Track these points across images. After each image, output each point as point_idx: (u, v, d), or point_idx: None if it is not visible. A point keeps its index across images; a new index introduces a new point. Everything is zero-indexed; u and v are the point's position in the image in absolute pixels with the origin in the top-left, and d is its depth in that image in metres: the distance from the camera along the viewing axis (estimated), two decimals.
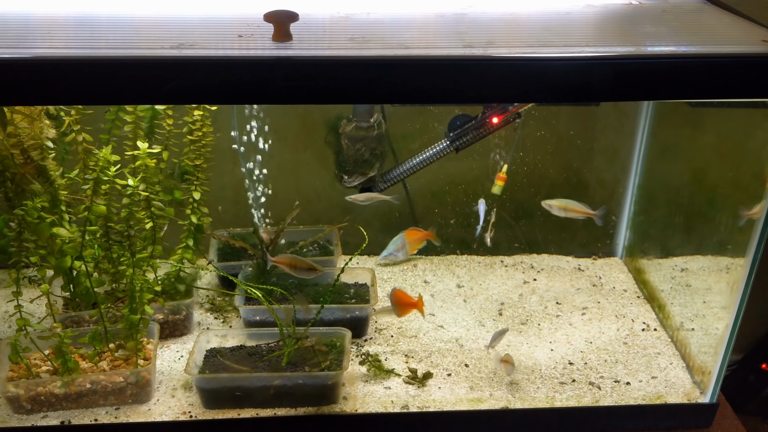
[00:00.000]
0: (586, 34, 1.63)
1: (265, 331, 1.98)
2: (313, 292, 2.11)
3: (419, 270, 2.44)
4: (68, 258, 1.83)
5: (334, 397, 1.83)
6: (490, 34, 1.57)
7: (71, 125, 1.90)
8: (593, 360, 2.02)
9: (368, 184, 2.09)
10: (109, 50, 1.40)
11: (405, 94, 1.40)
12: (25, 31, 1.56)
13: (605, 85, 1.41)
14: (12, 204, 1.81)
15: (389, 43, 1.49)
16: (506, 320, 2.19)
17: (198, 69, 1.35)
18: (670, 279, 2.24)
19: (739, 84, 1.44)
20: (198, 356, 1.87)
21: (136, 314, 1.81)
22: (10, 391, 1.76)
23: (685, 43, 1.52)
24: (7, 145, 1.77)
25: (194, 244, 2.07)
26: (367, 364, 1.95)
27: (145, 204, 1.86)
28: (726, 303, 1.84)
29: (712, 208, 2.06)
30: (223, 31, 1.54)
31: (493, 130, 2.02)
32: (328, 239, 2.40)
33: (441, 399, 1.86)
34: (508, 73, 1.38)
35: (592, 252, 2.55)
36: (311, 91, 1.37)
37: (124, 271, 1.91)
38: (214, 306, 2.21)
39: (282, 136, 2.28)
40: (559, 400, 1.87)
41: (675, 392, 1.91)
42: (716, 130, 2.13)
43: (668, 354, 2.06)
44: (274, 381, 1.79)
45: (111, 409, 1.81)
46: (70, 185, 1.92)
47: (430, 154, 2.07)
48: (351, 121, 2.01)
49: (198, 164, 2.02)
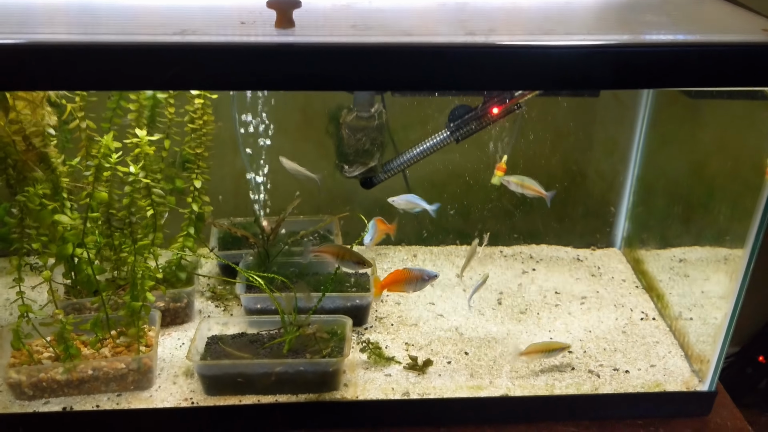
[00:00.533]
0: (587, 23, 1.64)
1: (266, 319, 1.99)
2: (314, 281, 2.12)
3: (419, 260, 2.46)
4: (69, 245, 1.83)
5: (335, 384, 1.84)
6: (491, 23, 1.57)
7: (73, 112, 1.90)
8: (592, 348, 2.03)
9: (369, 174, 2.10)
10: (111, 36, 1.40)
11: (407, 81, 1.41)
12: (26, 18, 1.56)
13: (607, 72, 1.41)
14: (14, 191, 1.82)
15: (391, 30, 1.50)
16: (505, 309, 2.20)
17: (201, 55, 1.35)
18: (668, 269, 2.25)
19: (739, 72, 1.45)
20: (199, 343, 1.88)
21: (137, 301, 1.81)
22: (12, 378, 1.77)
23: (686, 32, 1.53)
24: (9, 131, 1.77)
25: (195, 233, 2.08)
26: (367, 352, 1.97)
27: (146, 192, 1.87)
28: (724, 293, 1.85)
29: (710, 200, 2.07)
30: (225, 18, 1.54)
31: (493, 121, 2.02)
32: (329, 229, 2.40)
33: (441, 386, 1.88)
34: (510, 61, 1.39)
35: (591, 242, 2.56)
36: (314, 77, 1.38)
37: (125, 259, 1.92)
38: (215, 294, 2.22)
39: (282, 127, 2.28)
40: (559, 388, 1.89)
41: (674, 380, 1.93)
42: (715, 122, 2.14)
43: (667, 343, 2.07)
44: (275, 368, 1.80)
45: (113, 395, 1.82)
46: (72, 173, 1.93)
47: (431, 145, 2.08)
48: (351, 111, 2.02)
49: (199, 153, 2.03)
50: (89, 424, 1.78)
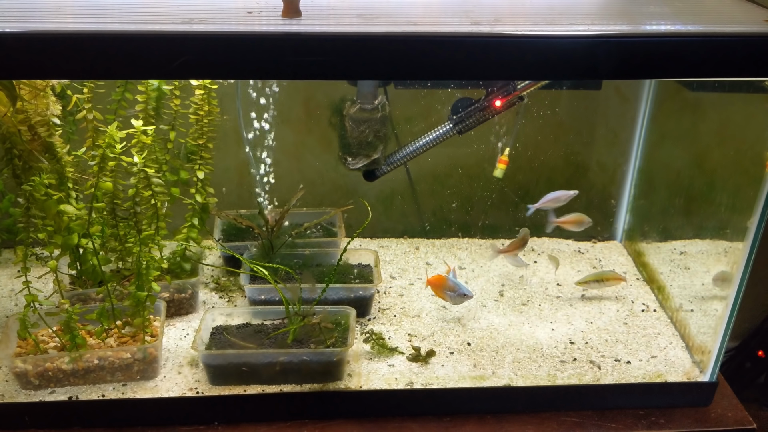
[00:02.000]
0: (591, 13, 1.65)
1: (270, 310, 1.99)
2: (318, 273, 2.13)
3: (421, 252, 2.47)
4: (75, 235, 1.84)
5: (339, 373, 1.85)
6: (495, 13, 1.58)
7: (78, 103, 1.91)
8: (594, 339, 2.05)
9: (372, 166, 2.11)
10: (119, 25, 1.41)
11: (414, 70, 1.42)
12: (33, 7, 1.56)
13: (611, 62, 1.43)
14: (20, 181, 1.82)
15: (397, 20, 1.51)
16: (507, 301, 2.21)
17: (208, 44, 1.37)
18: (669, 262, 2.27)
19: (741, 63, 1.47)
20: (204, 333, 1.89)
21: (143, 291, 1.82)
22: (18, 367, 1.77)
23: (688, 23, 1.54)
24: (15, 121, 1.78)
25: (199, 224, 2.09)
26: (371, 342, 1.98)
27: (146, 182, 1.88)
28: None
29: (711, 192, 2.08)
30: (232, 8, 1.55)
31: (496, 113, 2.03)
32: (332, 222, 2.41)
33: (444, 376, 1.89)
34: (515, 50, 1.40)
35: (592, 235, 2.57)
36: (321, 66, 1.39)
37: (130, 249, 1.92)
38: (219, 285, 2.23)
39: (286, 118, 2.29)
40: (561, 378, 1.90)
41: (675, 371, 1.94)
42: (716, 114, 2.15)
43: (668, 334, 2.09)
44: (279, 357, 1.81)
45: (118, 385, 1.83)
46: (77, 163, 1.93)
47: (433, 137, 2.09)
48: (355, 103, 2.03)
49: (201, 143, 2.03)
50: (95, 413, 1.78)
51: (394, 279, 2.31)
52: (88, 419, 1.78)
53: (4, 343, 1.82)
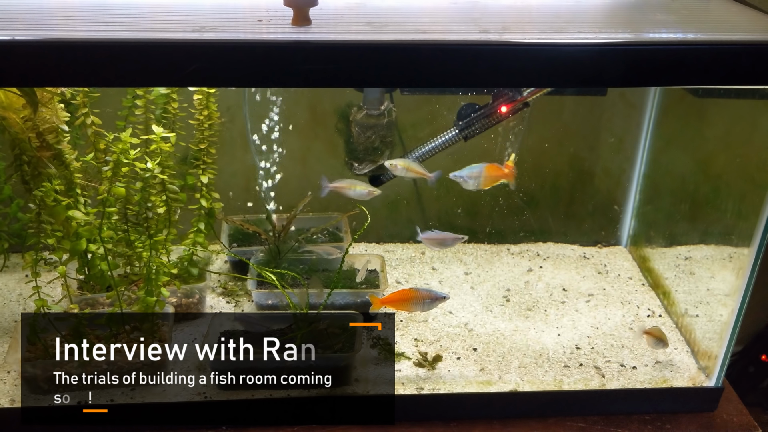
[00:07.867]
0: (597, 21, 1.66)
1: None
2: (324, 278, 2.14)
3: (427, 257, 2.47)
4: (83, 241, 1.85)
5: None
6: (503, 21, 1.60)
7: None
8: (599, 345, 2.05)
9: (378, 171, 2.12)
10: (129, 33, 1.42)
11: (423, 78, 1.43)
12: (43, 16, 1.58)
13: (618, 70, 1.44)
14: (29, 187, 1.84)
15: (406, 28, 1.52)
16: (513, 306, 2.22)
17: (219, 52, 1.38)
18: (674, 267, 2.27)
19: (747, 71, 1.47)
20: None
21: (152, 296, 1.83)
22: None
23: (694, 31, 1.55)
24: (24, 128, 1.79)
25: (206, 229, 2.10)
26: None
27: (160, 187, 1.89)
28: (730, 290, 1.87)
29: (716, 198, 2.09)
30: (242, 16, 1.56)
31: (501, 119, 2.04)
32: (338, 227, 2.42)
33: (450, 381, 1.90)
34: (524, 58, 1.41)
35: (597, 241, 2.58)
36: (330, 74, 1.40)
37: (140, 254, 1.93)
38: (226, 290, 2.24)
39: (293, 124, 2.30)
40: (567, 384, 1.91)
41: (680, 376, 1.95)
42: (722, 121, 2.16)
43: (673, 339, 2.09)
44: (287, 362, 1.81)
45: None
46: (84, 169, 1.94)
47: (439, 143, 2.10)
48: (361, 109, 2.04)
49: (203, 148, 2.04)
50: (103, 418, 1.79)
51: (400, 284, 2.32)
52: (97, 424, 1.79)
53: (13, 347, 1.82)
